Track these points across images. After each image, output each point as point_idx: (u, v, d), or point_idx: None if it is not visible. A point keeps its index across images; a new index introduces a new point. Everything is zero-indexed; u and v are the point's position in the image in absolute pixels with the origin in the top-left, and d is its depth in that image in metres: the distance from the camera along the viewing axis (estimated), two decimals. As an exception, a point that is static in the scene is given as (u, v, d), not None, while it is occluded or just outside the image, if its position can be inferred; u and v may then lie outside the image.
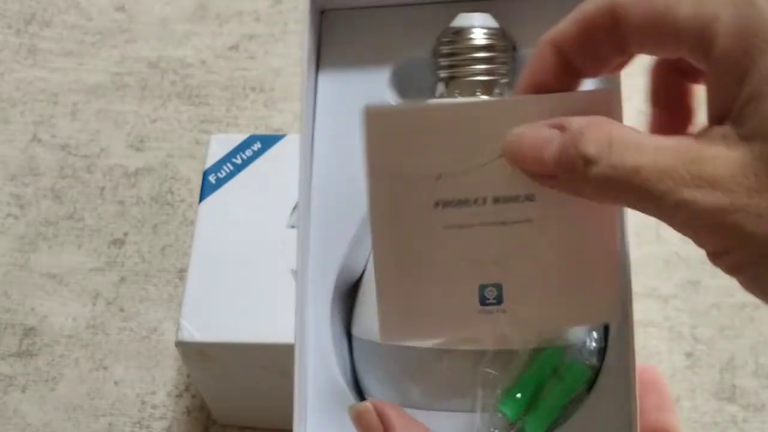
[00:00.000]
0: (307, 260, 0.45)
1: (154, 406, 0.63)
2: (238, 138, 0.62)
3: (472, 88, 0.45)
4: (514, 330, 0.38)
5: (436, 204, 0.36)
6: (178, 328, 0.55)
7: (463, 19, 0.45)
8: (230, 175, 0.60)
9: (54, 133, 0.75)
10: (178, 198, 0.71)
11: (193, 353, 0.55)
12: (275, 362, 0.55)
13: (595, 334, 0.42)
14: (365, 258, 0.46)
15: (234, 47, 0.78)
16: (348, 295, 0.47)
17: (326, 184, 0.47)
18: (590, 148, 0.33)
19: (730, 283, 0.43)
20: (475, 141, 0.36)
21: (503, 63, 0.45)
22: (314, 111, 0.47)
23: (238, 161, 0.61)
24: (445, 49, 0.45)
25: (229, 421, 0.62)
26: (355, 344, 0.46)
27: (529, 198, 0.36)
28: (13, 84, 0.78)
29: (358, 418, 0.41)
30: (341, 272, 0.46)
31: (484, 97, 0.41)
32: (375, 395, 0.44)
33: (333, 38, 0.48)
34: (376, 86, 0.47)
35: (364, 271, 0.46)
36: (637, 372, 0.41)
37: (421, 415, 0.43)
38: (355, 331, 0.46)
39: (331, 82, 0.48)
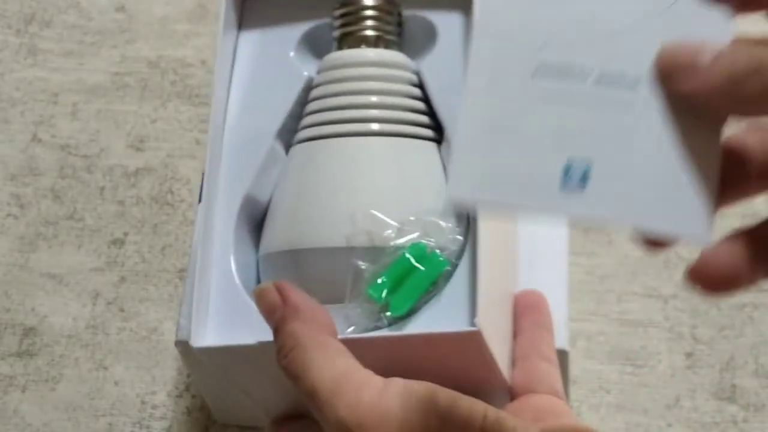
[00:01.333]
0: (217, 188, 0.53)
1: (154, 406, 0.63)
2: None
3: (359, 43, 0.54)
4: (591, 216, 0.35)
5: (537, 69, 0.34)
6: (178, 327, 0.55)
7: None
8: (230, 175, 0.60)
9: (54, 133, 0.75)
10: (178, 198, 0.71)
11: (193, 353, 0.55)
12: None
13: (458, 237, 0.49)
14: (270, 188, 0.54)
15: (234, 47, 0.78)
16: (257, 229, 0.54)
17: (237, 123, 0.55)
18: None
19: (730, 283, 0.43)
20: (593, 13, 0.34)
21: (389, 23, 0.55)
22: (232, 65, 0.57)
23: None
24: (338, 12, 0.55)
25: (229, 421, 0.62)
26: (260, 266, 0.53)
27: (636, 81, 0.34)
28: (13, 84, 0.78)
29: (260, 296, 0.44)
30: (246, 201, 0.53)
31: None
32: None
33: (252, 15, 0.59)
34: (286, 45, 0.57)
35: (269, 201, 0.54)
36: (483, 265, 0.46)
37: None
38: (259, 252, 0.53)
39: (249, 40, 0.58)
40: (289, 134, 0.56)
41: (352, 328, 0.48)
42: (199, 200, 0.60)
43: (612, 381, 0.63)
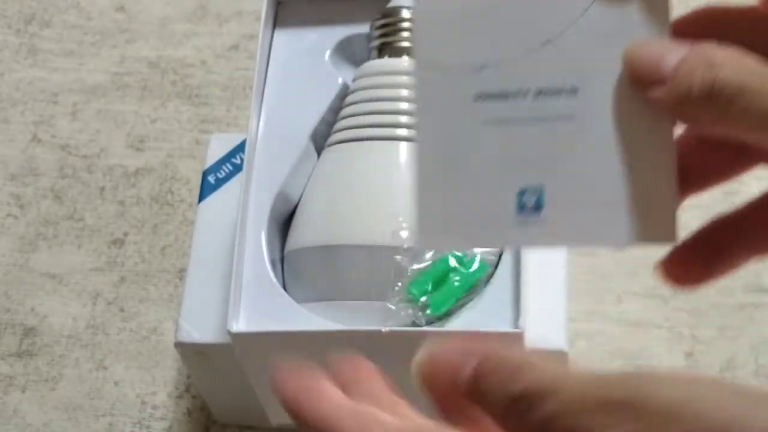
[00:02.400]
0: (251, 184, 0.54)
1: (154, 407, 0.63)
2: (237, 137, 0.62)
3: (398, 53, 0.56)
4: (552, 242, 0.34)
5: (478, 97, 0.33)
6: (177, 328, 0.55)
7: (395, 2, 0.58)
8: (229, 175, 0.60)
9: (54, 133, 0.75)
10: (178, 198, 0.71)
11: (192, 354, 0.55)
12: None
13: None
14: (302, 187, 0.56)
15: (234, 47, 0.78)
16: (284, 226, 0.56)
17: (271, 121, 0.57)
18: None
19: (731, 283, 0.43)
20: (520, 27, 0.33)
21: None
22: (267, 63, 0.59)
23: (238, 161, 0.61)
24: (378, 23, 0.58)
25: (229, 421, 0.62)
26: (287, 261, 0.54)
27: (573, 90, 0.32)
28: (13, 84, 0.78)
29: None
30: (278, 196, 0.55)
31: None
32: (299, 300, 0.52)
33: (286, 22, 0.61)
34: (321, 49, 0.60)
35: (299, 199, 0.56)
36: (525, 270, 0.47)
37: (339, 306, 0.51)
38: (287, 248, 0.54)
39: (284, 41, 0.60)
40: (320, 137, 0.57)
41: (390, 323, 0.49)
42: (199, 200, 0.60)
43: (612, 381, 0.63)
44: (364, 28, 0.60)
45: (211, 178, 0.60)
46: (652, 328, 0.65)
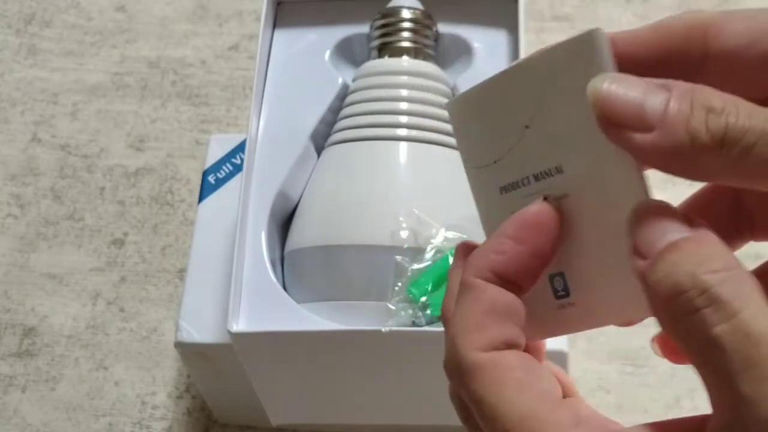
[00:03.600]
0: (251, 183, 0.54)
1: (154, 407, 0.63)
2: (237, 138, 0.62)
3: (398, 53, 0.57)
4: (587, 324, 0.33)
5: (502, 189, 0.34)
6: (177, 329, 0.55)
7: (395, 2, 0.58)
8: (229, 176, 0.60)
9: (54, 133, 0.75)
10: (178, 198, 0.71)
11: (192, 354, 0.55)
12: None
13: None
14: (301, 187, 0.56)
15: (234, 47, 0.78)
16: (284, 226, 0.56)
17: (271, 121, 0.57)
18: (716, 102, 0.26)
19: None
20: (509, 117, 0.33)
21: (426, 36, 0.58)
22: (267, 63, 0.59)
23: (238, 161, 0.61)
24: (378, 23, 0.58)
25: (229, 421, 0.62)
26: (285, 261, 0.54)
27: (558, 170, 0.32)
28: (13, 84, 0.78)
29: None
30: (278, 196, 0.55)
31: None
32: (299, 300, 0.52)
33: (287, 22, 0.61)
34: (321, 49, 0.60)
35: (299, 199, 0.56)
36: None
37: (339, 307, 0.51)
38: (287, 248, 0.54)
39: (283, 41, 0.61)
40: (320, 137, 0.57)
41: (390, 323, 0.49)
42: (199, 200, 0.60)
43: (612, 381, 0.63)
44: (364, 28, 0.60)
45: (211, 178, 0.60)
46: (652, 327, 0.64)
